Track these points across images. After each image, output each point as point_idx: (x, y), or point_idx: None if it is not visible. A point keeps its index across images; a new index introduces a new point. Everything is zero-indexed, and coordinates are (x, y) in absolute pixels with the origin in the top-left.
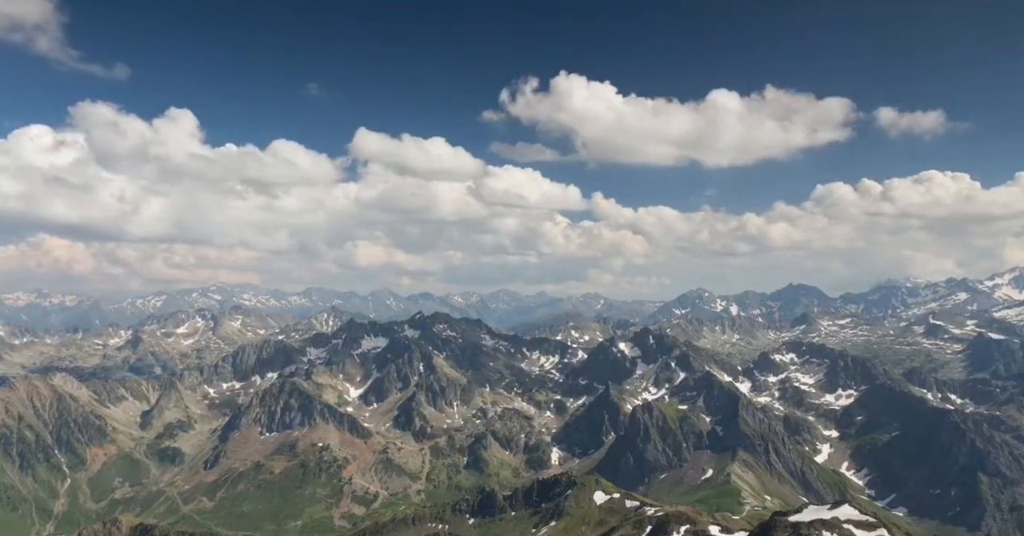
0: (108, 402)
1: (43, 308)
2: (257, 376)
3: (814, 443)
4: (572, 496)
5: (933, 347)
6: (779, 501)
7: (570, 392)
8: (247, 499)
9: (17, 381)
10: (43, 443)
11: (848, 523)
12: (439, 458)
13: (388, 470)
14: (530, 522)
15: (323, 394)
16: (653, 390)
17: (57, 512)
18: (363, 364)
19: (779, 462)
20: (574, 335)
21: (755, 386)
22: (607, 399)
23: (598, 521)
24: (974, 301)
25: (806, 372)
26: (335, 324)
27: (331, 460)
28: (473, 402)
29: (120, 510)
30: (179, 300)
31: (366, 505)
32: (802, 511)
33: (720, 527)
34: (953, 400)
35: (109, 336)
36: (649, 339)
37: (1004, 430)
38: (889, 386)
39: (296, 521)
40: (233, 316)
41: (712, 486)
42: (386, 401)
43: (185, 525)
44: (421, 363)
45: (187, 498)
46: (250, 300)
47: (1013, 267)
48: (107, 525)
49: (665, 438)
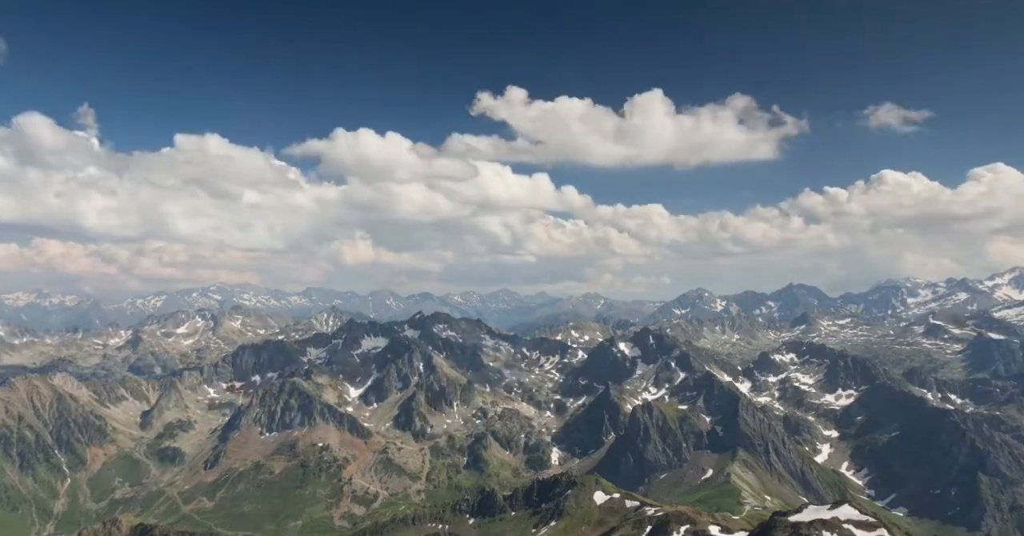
0: (108, 402)
1: (43, 308)
2: (257, 376)
3: (814, 443)
4: (572, 496)
5: (933, 347)
6: (779, 501)
7: (570, 392)
8: (247, 499)
9: (17, 381)
10: (43, 443)
11: (848, 523)
12: (439, 458)
13: (388, 470)
14: (530, 522)
15: (323, 394)
16: (653, 390)
17: (57, 512)
18: (363, 364)
19: (779, 462)
20: (574, 335)
21: (755, 386)
22: (607, 399)
23: (598, 521)
24: (974, 301)
25: (806, 372)
26: (335, 324)
27: (331, 460)
28: (473, 402)
29: (120, 510)
30: (179, 300)
31: (366, 505)
32: (802, 511)
33: (720, 527)
34: (953, 400)
35: (109, 336)
36: (649, 339)
37: (1004, 430)
38: (889, 386)
39: (296, 521)
40: (233, 316)
41: (712, 486)
42: (386, 401)
43: (185, 525)
44: (421, 363)
45: (187, 498)
46: (250, 300)
47: (1013, 267)
48: (107, 525)
49: (665, 438)
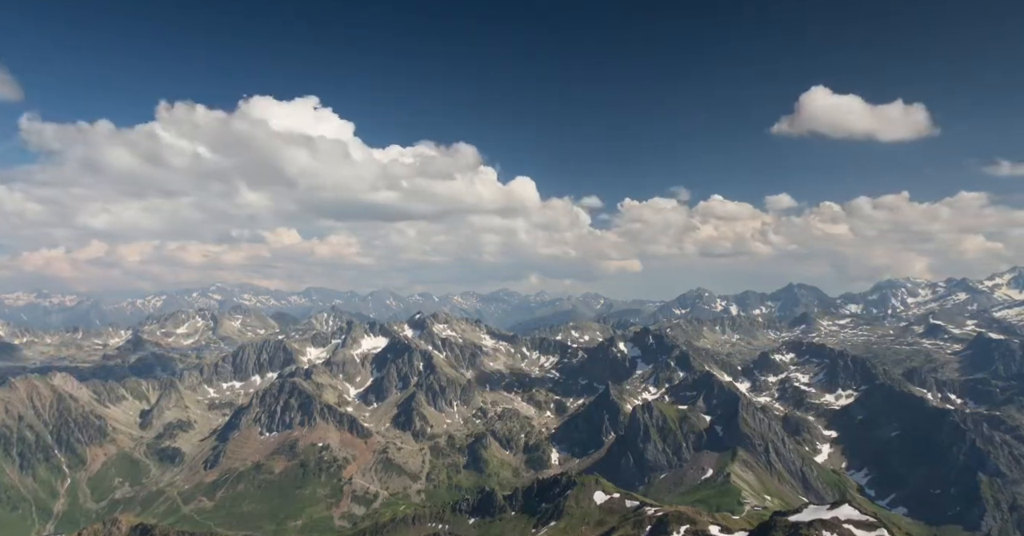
0: (108, 402)
1: (43, 308)
2: (257, 376)
3: (814, 443)
4: (572, 496)
5: (933, 347)
6: (779, 501)
7: (570, 392)
8: (247, 499)
9: (17, 381)
10: (43, 443)
11: (848, 523)
12: (439, 458)
13: (388, 470)
14: (530, 522)
15: (323, 394)
16: (653, 390)
17: (57, 512)
18: (363, 364)
19: (779, 462)
20: (574, 335)
21: (755, 386)
22: (607, 399)
23: (598, 521)
24: (974, 301)
25: (806, 372)
26: (335, 324)
27: (331, 460)
28: (473, 402)
29: (120, 510)
30: (179, 300)
31: (366, 505)
32: (802, 511)
33: (720, 527)
34: (953, 400)
35: (109, 336)
36: (649, 339)
37: (1004, 430)
38: (889, 386)
39: (296, 521)
40: (233, 316)
41: (712, 486)
42: (386, 401)
43: (185, 525)
44: (421, 363)
45: (187, 498)
46: (250, 300)
47: (1013, 267)
48: (107, 525)
49: (665, 438)
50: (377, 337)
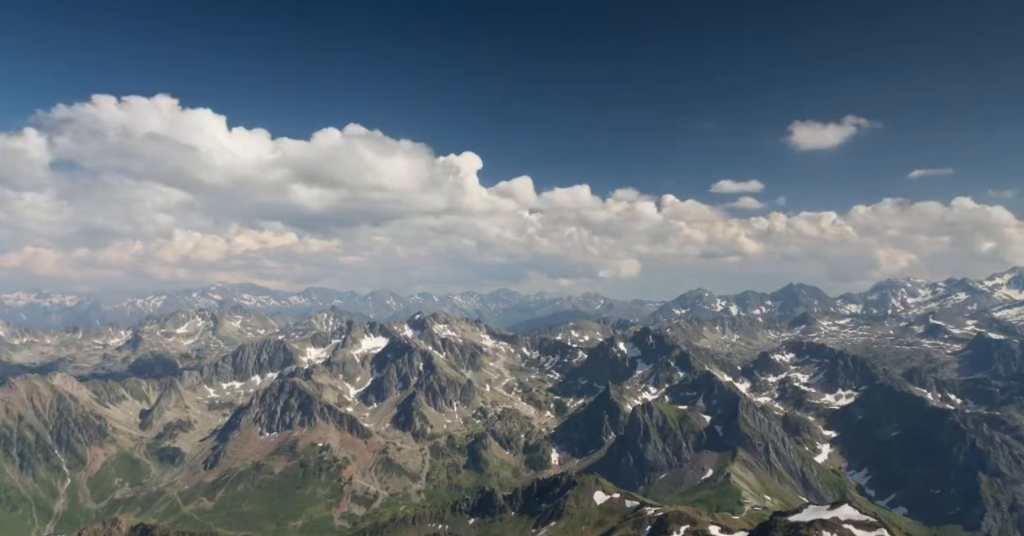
0: (108, 402)
1: (43, 308)
2: (257, 376)
3: (814, 443)
4: (572, 496)
5: (933, 347)
6: (779, 501)
7: (570, 392)
8: (247, 499)
9: (17, 381)
10: (43, 443)
11: (848, 523)
12: (439, 458)
13: (388, 470)
14: (530, 522)
15: (323, 394)
16: (653, 390)
17: (57, 512)
18: (363, 364)
19: (779, 462)
20: (574, 335)
21: (755, 386)
22: (607, 399)
23: (598, 521)
24: (974, 301)
25: (806, 372)
26: (335, 324)
27: (331, 460)
28: (473, 402)
29: (120, 510)
30: (179, 300)
31: (366, 505)
32: (802, 511)
33: (720, 527)
34: (953, 400)
35: (109, 336)
36: (649, 339)
37: (1004, 430)
38: (889, 386)
39: (296, 521)
40: (233, 316)
41: (712, 486)
42: (386, 401)
43: (185, 525)
44: (421, 363)
45: (187, 498)
46: (250, 300)
47: (1013, 267)
48: (107, 525)
49: (665, 438)
50: (377, 337)
